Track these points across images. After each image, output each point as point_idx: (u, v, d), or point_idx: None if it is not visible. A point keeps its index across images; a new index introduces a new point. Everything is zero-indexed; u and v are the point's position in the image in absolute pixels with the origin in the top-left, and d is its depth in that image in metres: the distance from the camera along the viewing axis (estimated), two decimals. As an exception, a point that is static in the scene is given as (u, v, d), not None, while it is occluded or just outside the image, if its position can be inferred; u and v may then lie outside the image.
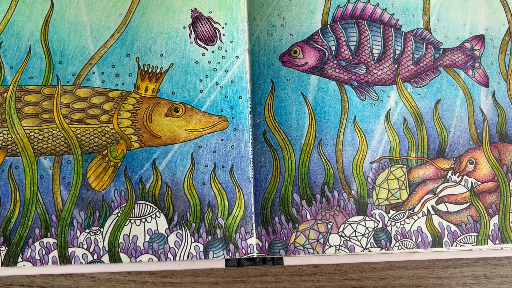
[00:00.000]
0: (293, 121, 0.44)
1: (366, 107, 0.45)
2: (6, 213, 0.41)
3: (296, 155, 0.43)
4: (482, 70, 0.47)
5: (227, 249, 0.41)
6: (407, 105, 0.45)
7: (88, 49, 0.45)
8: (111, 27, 0.46)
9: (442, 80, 0.46)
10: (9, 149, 0.43)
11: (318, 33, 0.46)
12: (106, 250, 0.41)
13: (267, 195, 0.43)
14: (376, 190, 0.43)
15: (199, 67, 0.45)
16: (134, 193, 0.42)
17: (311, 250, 0.41)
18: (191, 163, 0.43)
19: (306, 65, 0.45)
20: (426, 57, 0.47)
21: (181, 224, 0.42)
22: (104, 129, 0.44)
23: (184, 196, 0.42)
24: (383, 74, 0.46)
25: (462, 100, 0.46)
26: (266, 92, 0.45)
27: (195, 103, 0.44)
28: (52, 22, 0.46)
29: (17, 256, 0.41)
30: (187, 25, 0.46)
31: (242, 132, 0.44)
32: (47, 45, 0.45)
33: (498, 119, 0.46)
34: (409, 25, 0.47)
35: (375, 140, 0.44)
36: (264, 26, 0.46)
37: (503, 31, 0.48)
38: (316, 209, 0.42)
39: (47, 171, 0.42)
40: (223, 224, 0.42)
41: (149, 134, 0.44)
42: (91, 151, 0.43)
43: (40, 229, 0.41)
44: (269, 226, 0.42)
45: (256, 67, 0.45)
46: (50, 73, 0.44)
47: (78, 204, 0.42)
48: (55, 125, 0.43)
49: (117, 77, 0.45)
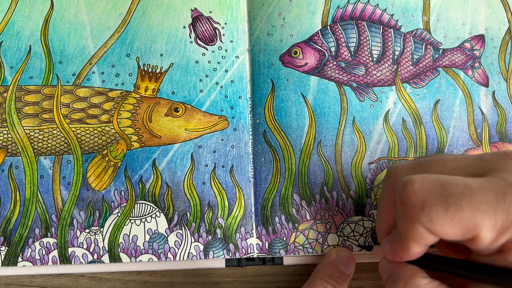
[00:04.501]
0: (293, 122, 0.44)
1: (365, 108, 0.45)
2: (6, 213, 0.42)
3: (296, 156, 0.43)
4: (482, 70, 0.47)
5: (227, 249, 0.41)
6: (406, 106, 0.45)
7: (88, 49, 0.45)
8: (111, 27, 0.46)
9: (441, 80, 0.46)
10: (9, 149, 0.43)
11: (318, 34, 0.46)
12: (106, 250, 0.41)
13: (267, 195, 0.43)
14: (374, 191, 0.43)
15: (199, 67, 0.45)
16: (134, 193, 0.42)
17: (310, 249, 0.41)
18: (191, 163, 0.43)
19: (306, 66, 0.46)
20: (426, 57, 0.47)
21: (181, 224, 0.42)
22: (104, 129, 0.44)
23: (184, 196, 0.42)
24: (382, 75, 0.46)
25: (462, 100, 0.46)
26: (266, 92, 0.45)
27: (195, 103, 0.44)
28: (52, 22, 0.46)
29: (17, 256, 0.41)
30: (187, 25, 0.46)
31: (242, 132, 0.44)
32: (47, 45, 0.45)
33: (498, 119, 0.46)
34: (409, 25, 0.47)
35: (374, 141, 0.44)
36: (264, 26, 0.46)
37: (503, 31, 0.48)
38: (315, 209, 0.42)
39: (47, 171, 0.43)
40: (223, 224, 0.42)
41: (149, 134, 0.44)
42: (91, 151, 0.43)
43: (40, 229, 0.41)
44: (269, 226, 0.42)
45: (256, 67, 0.45)
46: (50, 73, 0.44)
47: (78, 204, 0.42)
48: (55, 125, 0.43)
49: (117, 77, 0.45)
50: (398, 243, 0.32)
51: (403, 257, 0.32)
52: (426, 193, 0.28)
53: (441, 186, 0.28)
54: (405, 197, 0.29)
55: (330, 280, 0.38)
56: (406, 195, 0.29)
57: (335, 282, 0.38)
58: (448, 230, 0.28)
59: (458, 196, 0.28)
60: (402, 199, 0.30)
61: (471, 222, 0.27)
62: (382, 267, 0.35)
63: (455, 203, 0.27)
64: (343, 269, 0.39)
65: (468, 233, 0.28)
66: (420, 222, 0.28)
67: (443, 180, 0.29)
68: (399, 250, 0.32)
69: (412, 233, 0.29)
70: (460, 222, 0.27)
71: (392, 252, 0.33)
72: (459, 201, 0.27)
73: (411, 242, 0.30)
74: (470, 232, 0.27)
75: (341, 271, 0.39)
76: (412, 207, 0.29)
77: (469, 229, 0.27)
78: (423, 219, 0.28)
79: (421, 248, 0.31)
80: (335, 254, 0.40)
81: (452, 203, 0.27)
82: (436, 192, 0.28)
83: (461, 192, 0.28)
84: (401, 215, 0.30)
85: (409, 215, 0.29)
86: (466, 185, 0.28)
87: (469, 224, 0.27)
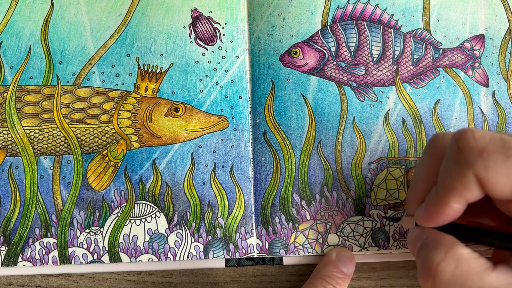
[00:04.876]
0: (293, 122, 0.44)
1: (365, 108, 0.45)
2: (6, 213, 0.42)
3: (296, 156, 0.43)
4: (482, 70, 0.47)
5: (227, 249, 0.41)
6: (406, 106, 0.45)
7: (88, 49, 0.45)
8: (111, 27, 0.46)
9: (441, 80, 0.46)
10: (9, 149, 0.43)
11: (318, 34, 0.46)
12: (106, 250, 0.41)
13: (267, 195, 0.43)
14: (374, 191, 0.43)
15: (199, 67, 0.45)
16: (134, 193, 0.42)
17: (310, 249, 0.41)
18: (191, 163, 0.43)
19: (306, 66, 0.46)
20: (426, 57, 0.47)
21: (181, 224, 0.42)
22: (104, 129, 0.44)
23: (184, 196, 0.42)
24: (382, 75, 0.46)
25: (462, 100, 0.46)
26: (266, 92, 0.45)
27: (195, 103, 0.44)
28: (52, 22, 0.46)
29: (17, 256, 0.41)
30: (187, 25, 0.46)
31: (242, 132, 0.44)
32: (47, 45, 0.45)
33: (498, 119, 0.46)
34: (409, 25, 0.47)
35: (374, 141, 0.44)
36: (264, 26, 0.46)
37: (503, 31, 0.48)
38: (315, 209, 0.42)
39: (47, 171, 0.43)
40: (223, 224, 0.42)
41: (149, 134, 0.44)
42: (91, 151, 0.43)
43: (40, 229, 0.41)
44: (269, 226, 0.42)
45: (256, 67, 0.45)
46: (50, 73, 0.44)
47: (78, 204, 0.42)
48: (55, 125, 0.43)
49: (117, 77, 0.45)
50: (435, 201, 0.30)
51: (439, 217, 0.31)
52: (486, 141, 0.28)
53: (502, 138, 0.28)
54: (464, 142, 0.28)
55: (330, 280, 0.38)
56: (466, 140, 0.28)
57: (335, 282, 0.38)
58: (501, 182, 0.27)
59: None
60: (459, 144, 0.29)
61: None
62: (413, 237, 0.34)
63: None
64: (343, 269, 0.39)
65: None
66: (474, 169, 0.27)
67: (504, 136, 0.28)
68: (437, 208, 0.30)
69: (460, 181, 0.28)
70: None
71: (427, 214, 0.31)
72: None
73: (454, 194, 0.29)
74: None
75: (341, 271, 0.39)
76: (469, 152, 0.28)
77: None
78: (478, 165, 0.27)
79: (461, 204, 0.29)
80: (335, 254, 0.40)
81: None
82: (496, 142, 0.28)
83: None
84: (452, 163, 0.29)
85: (464, 160, 0.28)
86: None
87: None
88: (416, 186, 0.34)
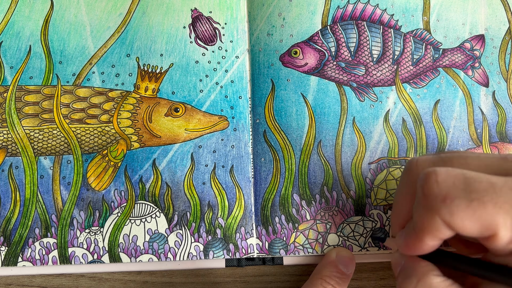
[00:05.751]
0: (293, 122, 0.44)
1: (365, 108, 0.45)
2: (6, 213, 0.42)
3: (296, 156, 0.43)
4: (482, 70, 0.47)
5: (227, 249, 0.41)
6: (406, 106, 0.45)
7: (88, 49, 0.45)
8: (111, 27, 0.46)
9: (441, 80, 0.46)
10: (9, 149, 0.43)
11: (318, 34, 0.46)
12: (106, 250, 0.41)
13: (267, 195, 0.43)
14: (374, 191, 0.43)
15: (199, 67, 0.45)
16: (134, 193, 0.42)
17: (310, 250, 0.41)
18: (191, 163, 0.43)
19: (306, 66, 0.46)
20: (426, 57, 0.47)
21: (181, 224, 0.42)
22: (104, 129, 0.44)
23: (184, 196, 0.42)
24: (382, 75, 0.46)
25: (462, 100, 0.46)
26: (266, 92, 0.45)
27: (195, 103, 0.44)
28: (52, 22, 0.46)
29: (17, 256, 0.41)
30: (187, 25, 0.46)
31: (242, 132, 0.44)
32: (47, 45, 0.45)
33: (498, 119, 0.46)
34: (409, 25, 0.47)
35: (374, 141, 0.44)
36: (264, 26, 0.46)
37: (503, 31, 0.48)
38: (315, 209, 0.42)
39: (47, 171, 0.43)
40: (223, 224, 0.42)
41: (149, 134, 0.44)
42: (91, 151, 0.43)
43: (40, 229, 0.41)
44: (269, 226, 0.42)
45: (256, 67, 0.45)
46: (50, 73, 0.44)
47: (78, 204, 0.42)
48: (55, 125, 0.43)
49: (117, 77, 0.45)
50: (412, 235, 0.31)
51: (416, 250, 0.32)
52: (449, 186, 0.28)
53: (465, 181, 0.28)
54: (427, 188, 0.29)
55: (330, 280, 0.38)
56: (429, 186, 0.29)
57: (335, 282, 0.38)
58: (467, 225, 0.27)
59: (481, 192, 0.27)
60: (424, 190, 0.29)
61: (491, 219, 0.27)
62: (394, 260, 0.35)
63: (478, 198, 0.27)
64: (343, 269, 0.39)
65: (487, 230, 0.27)
66: (440, 215, 0.28)
67: (467, 175, 0.28)
68: (413, 243, 0.31)
69: (430, 225, 0.29)
70: (480, 218, 0.27)
71: (406, 245, 0.32)
72: (482, 197, 0.27)
73: (427, 234, 0.30)
74: (489, 229, 0.27)
75: (341, 271, 0.39)
76: (433, 199, 0.28)
77: (489, 226, 0.27)
78: (443, 211, 0.28)
79: (435, 241, 0.30)
80: (335, 254, 0.40)
81: (475, 198, 0.27)
82: (459, 186, 0.28)
83: (485, 189, 0.27)
84: (420, 206, 0.30)
85: (430, 207, 0.29)
86: (491, 182, 0.28)
87: (489, 221, 0.27)
88: (396, 212, 0.35)
